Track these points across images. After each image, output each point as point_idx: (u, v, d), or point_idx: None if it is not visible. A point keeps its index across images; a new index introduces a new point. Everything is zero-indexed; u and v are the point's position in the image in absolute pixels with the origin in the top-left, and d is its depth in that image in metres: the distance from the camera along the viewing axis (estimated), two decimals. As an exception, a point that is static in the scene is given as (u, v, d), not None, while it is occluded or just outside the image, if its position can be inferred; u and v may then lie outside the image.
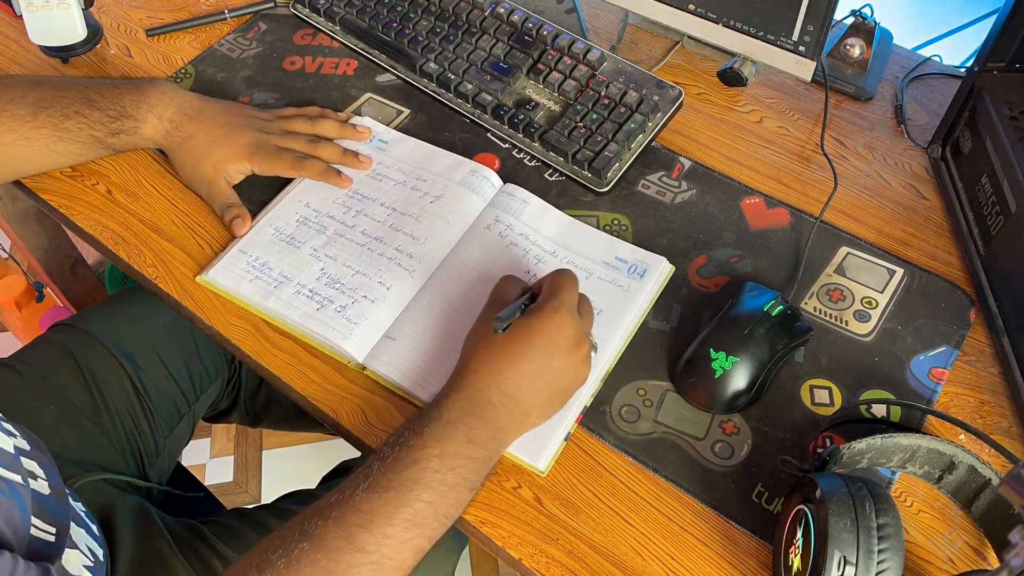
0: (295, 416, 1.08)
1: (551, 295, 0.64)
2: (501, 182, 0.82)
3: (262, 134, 0.81)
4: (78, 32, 0.90)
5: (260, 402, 1.03)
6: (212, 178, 0.79)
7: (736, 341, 0.67)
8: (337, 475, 0.97)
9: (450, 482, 0.58)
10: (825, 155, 0.84)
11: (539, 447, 0.66)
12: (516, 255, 0.77)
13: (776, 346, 0.68)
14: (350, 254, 0.77)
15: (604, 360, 0.71)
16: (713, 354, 0.67)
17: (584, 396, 0.69)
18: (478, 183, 0.81)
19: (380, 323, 0.73)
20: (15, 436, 0.61)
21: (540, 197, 0.81)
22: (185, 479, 0.99)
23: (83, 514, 0.70)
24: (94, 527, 0.72)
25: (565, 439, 0.67)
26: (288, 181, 0.82)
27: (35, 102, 0.78)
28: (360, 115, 0.88)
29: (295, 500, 0.87)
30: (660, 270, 0.76)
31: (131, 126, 0.80)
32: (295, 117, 0.84)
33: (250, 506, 0.86)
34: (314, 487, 0.92)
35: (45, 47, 0.92)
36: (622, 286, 0.75)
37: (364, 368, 0.71)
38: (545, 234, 0.79)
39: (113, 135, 0.80)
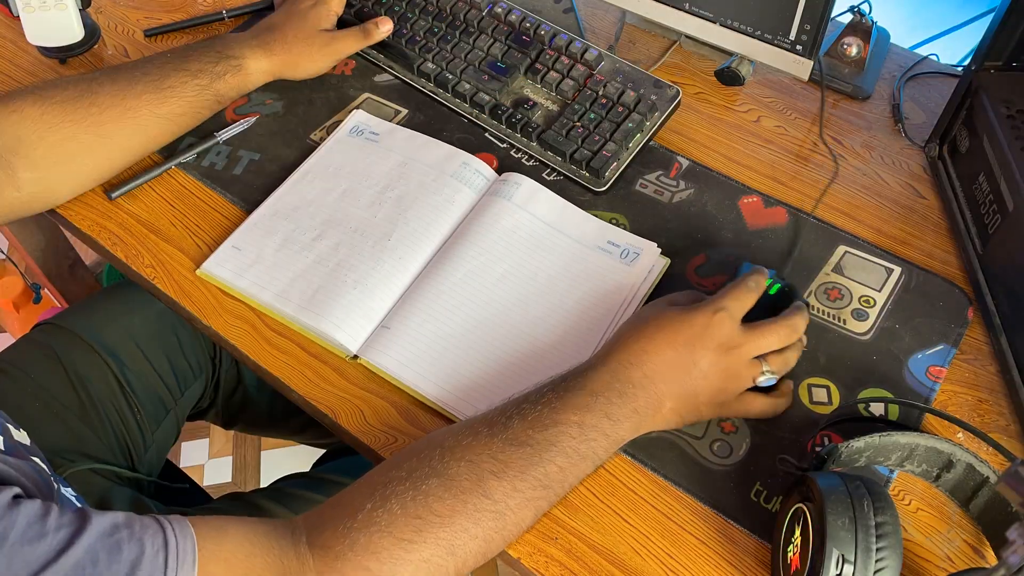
0: (269, 421, 1.08)
1: (720, 295, 0.65)
2: (495, 174, 0.82)
3: None
4: (75, 33, 0.90)
5: (235, 404, 1.03)
6: (327, 40, 0.86)
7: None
8: (329, 458, 0.98)
9: (583, 452, 0.60)
10: (824, 143, 0.85)
11: None
12: (509, 239, 0.77)
13: None
14: (343, 245, 0.77)
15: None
16: None
17: None
18: (470, 175, 0.81)
19: (374, 313, 0.73)
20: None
21: (538, 196, 0.81)
22: (173, 476, 0.99)
23: (74, 498, 0.70)
24: None
25: None
26: (286, 175, 0.82)
27: (129, 75, 0.78)
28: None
29: (291, 482, 0.87)
30: (652, 256, 0.76)
31: (234, 64, 0.82)
32: None
33: (245, 491, 0.87)
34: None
35: (43, 48, 0.92)
36: (614, 270, 0.75)
37: (357, 358, 0.71)
38: (539, 216, 0.79)
39: (218, 79, 0.81)
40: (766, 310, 0.68)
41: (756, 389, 0.66)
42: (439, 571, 0.55)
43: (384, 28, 0.88)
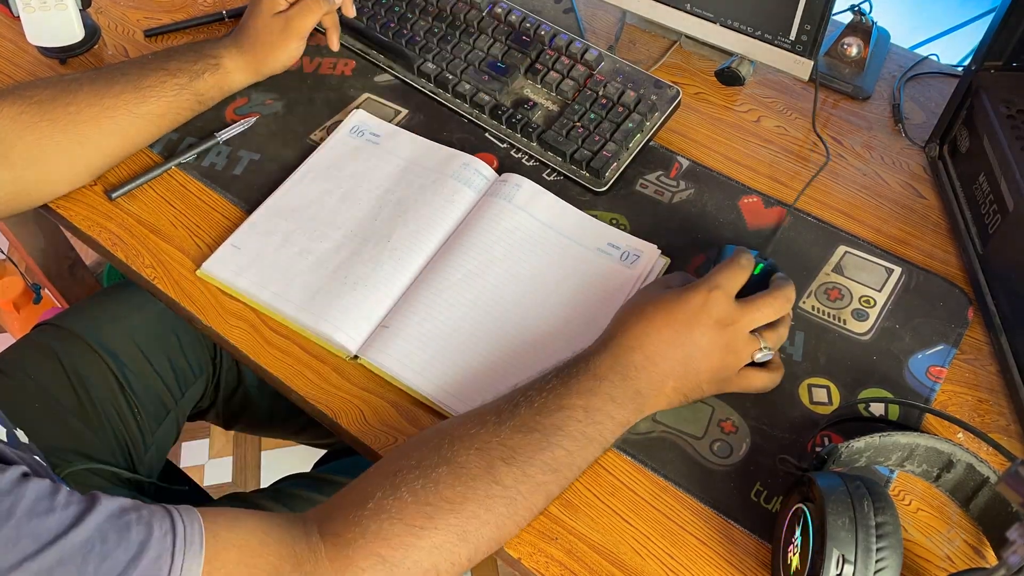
0: (269, 421, 1.08)
1: (713, 274, 0.65)
2: (496, 174, 0.82)
3: None
4: (76, 33, 0.90)
5: (236, 405, 1.03)
6: (283, 22, 0.84)
7: None
8: (330, 458, 0.97)
9: (590, 435, 0.61)
10: (817, 134, 0.85)
11: None
12: (509, 240, 0.77)
13: None
14: (343, 248, 0.77)
15: None
16: None
17: None
18: (470, 176, 0.81)
19: (374, 314, 0.73)
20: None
21: (538, 196, 0.81)
22: (173, 478, 0.99)
23: None
24: None
25: None
26: (286, 175, 0.82)
27: (109, 75, 0.78)
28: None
29: (292, 483, 0.87)
30: (652, 258, 0.76)
31: (212, 63, 0.82)
32: None
33: (246, 491, 0.86)
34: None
35: (43, 48, 0.92)
36: (615, 272, 0.75)
37: (357, 358, 0.71)
38: (538, 218, 0.79)
39: (197, 77, 0.81)
40: (752, 289, 0.67)
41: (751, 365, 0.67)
42: (451, 556, 0.56)
43: (348, 12, 0.88)
